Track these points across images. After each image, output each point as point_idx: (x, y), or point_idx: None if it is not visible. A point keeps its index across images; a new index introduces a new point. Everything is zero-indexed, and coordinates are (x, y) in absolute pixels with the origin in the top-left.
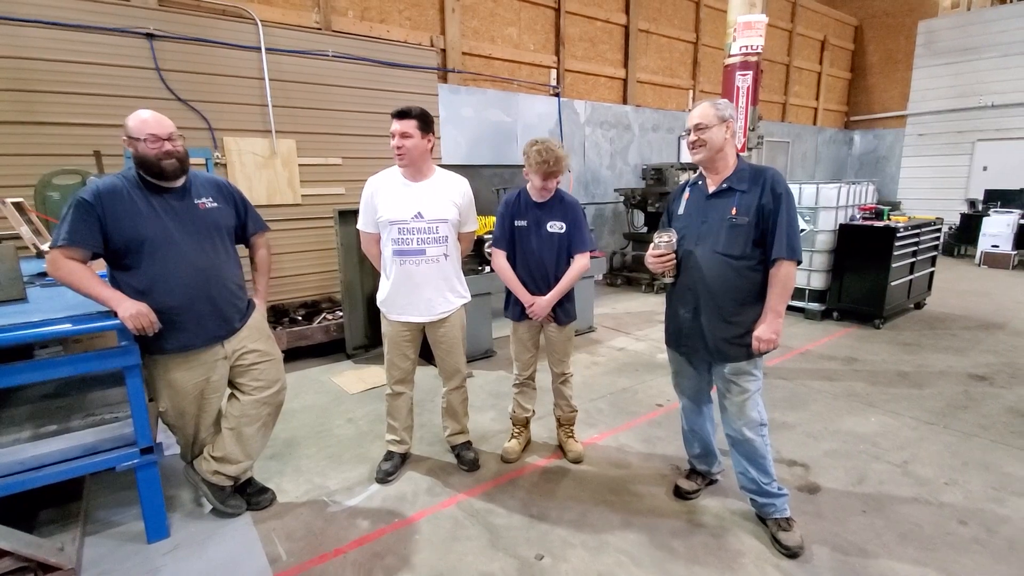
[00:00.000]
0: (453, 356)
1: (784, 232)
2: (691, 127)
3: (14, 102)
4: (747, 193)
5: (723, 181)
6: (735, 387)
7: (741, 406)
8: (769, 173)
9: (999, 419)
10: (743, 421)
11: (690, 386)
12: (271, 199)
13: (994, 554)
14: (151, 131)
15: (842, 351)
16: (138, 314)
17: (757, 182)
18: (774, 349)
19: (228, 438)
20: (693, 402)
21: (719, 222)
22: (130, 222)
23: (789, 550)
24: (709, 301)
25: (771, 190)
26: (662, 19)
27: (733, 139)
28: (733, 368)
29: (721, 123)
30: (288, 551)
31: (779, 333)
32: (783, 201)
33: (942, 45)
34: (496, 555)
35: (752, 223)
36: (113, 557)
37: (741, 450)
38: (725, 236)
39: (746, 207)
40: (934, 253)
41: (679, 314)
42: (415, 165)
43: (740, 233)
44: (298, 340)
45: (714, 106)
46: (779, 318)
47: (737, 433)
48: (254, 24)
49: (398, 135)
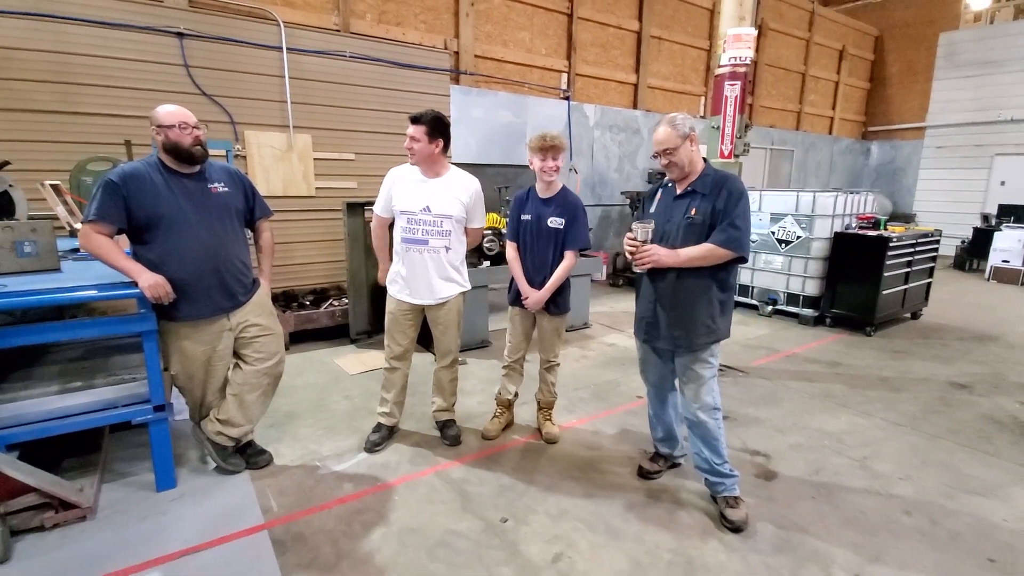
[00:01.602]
0: (447, 337)
1: (730, 225)
2: (659, 151)
3: (55, 93)
4: (707, 196)
5: (689, 185)
6: (691, 373)
7: (696, 391)
8: (729, 180)
9: (970, 424)
10: (698, 404)
11: (654, 374)
12: (287, 191)
13: (932, 543)
14: (182, 119)
15: (828, 355)
16: (156, 284)
17: (717, 187)
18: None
19: (231, 403)
20: (657, 389)
21: (679, 221)
22: (150, 201)
23: (733, 524)
24: (666, 294)
25: (727, 193)
26: (675, 26)
27: (697, 148)
28: (689, 356)
29: (684, 139)
30: (279, 504)
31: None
32: (735, 202)
33: (963, 58)
34: (465, 516)
35: (706, 223)
36: (126, 501)
37: (696, 432)
38: (683, 234)
39: (704, 209)
40: (931, 264)
41: (643, 306)
42: (423, 164)
43: (694, 231)
44: (305, 323)
45: (673, 126)
46: (676, 261)
47: (692, 416)
48: (277, 25)
49: (409, 137)
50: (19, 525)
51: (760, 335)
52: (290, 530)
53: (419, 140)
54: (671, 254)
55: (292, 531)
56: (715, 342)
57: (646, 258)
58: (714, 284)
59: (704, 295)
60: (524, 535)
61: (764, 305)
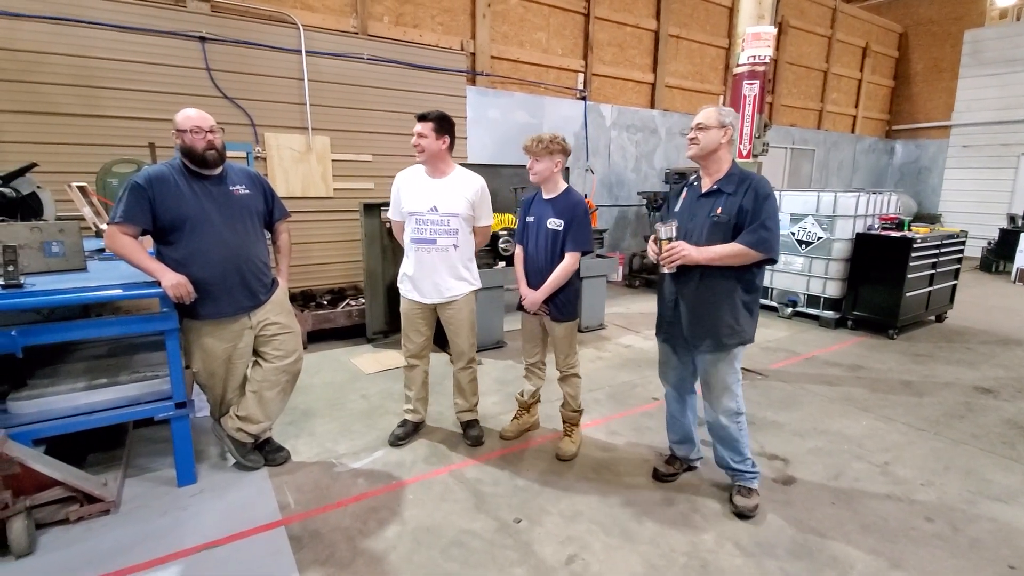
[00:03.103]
0: (461, 338)
1: (761, 226)
2: (692, 125)
3: (81, 96)
4: (732, 196)
5: (715, 183)
6: (714, 376)
7: (719, 395)
8: (754, 179)
9: (993, 429)
10: (720, 410)
11: (674, 376)
12: (305, 192)
13: (953, 550)
14: (195, 124)
15: (849, 358)
16: (178, 284)
17: (742, 186)
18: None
19: (251, 400)
20: (676, 391)
21: (704, 219)
22: (175, 203)
23: (738, 509)
24: (689, 294)
25: (753, 192)
26: (693, 24)
27: (729, 145)
28: (712, 357)
29: (720, 127)
30: (296, 500)
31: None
32: (762, 202)
33: (989, 55)
34: (479, 516)
35: (731, 223)
36: (148, 495)
37: (717, 435)
38: (707, 233)
39: (729, 208)
40: (957, 266)
41: (664, 304)
42: (431, 162)
43: (719, 230)
44: (323, 323)
45: (718, 111)
46: (704, 258)
47: (714, 420)
48: (296, 28)
49: (416, 134)
50: (45, 518)
51: (779, 337)
52: (307, 526)
53: (426, 136)
54: (700, 251)
55: (309, 528)
56: (739, 344)
57: (675, 255)
58: (739, 286)
59: (728, 296)
60: (538, 536)
61: (784, 307)
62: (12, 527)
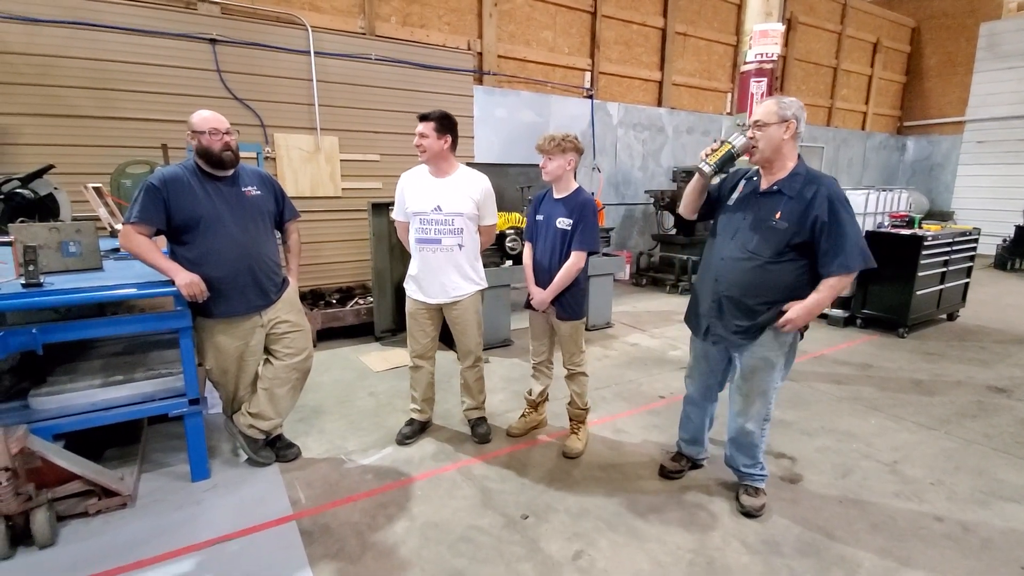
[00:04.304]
0: (467, 337)
1: (853, 243)
2: (750, 123)
3: (95, 99)
4: (794, 200)
5: (775, 183)
6: (752, 383)
7: (753, 401)
8: (825, 183)
9: (1007, 429)
10: (748, 417)
11: (701, 380)
12: (314, 191)
13: (963, 550)
14: (213, 126)
15: (858, 357)
16: (191, 283)
17: (809, 191)
18: (792, 331)
19: (262, 397)
20: (700, 395)
21: (759, 222)
22: (189, 204)
23: (744, 508)
24: (730, 293)
25: (826, 201)
26: (701, 21)
27: (794, 140)
28: (753, 364)
29: (781, 122)
30: (307, 496)
31: (806, 321)
32: (841, 213)
33: (1006, 48)
34: (486, 512)
35: (792, 230)
36: (163, 490)
37: (738, 440)
38: (760, 237)
39: (790, 213)
40: (970, 264)
41: (699, 297)
42: (434, 162)
43: (775, 237)
44: (332, 321)
45: (778, 103)
46: (816, 310)
47: (741, 425)
48: (305, 30)
49: (418, 134)
50: (65, 511)
51: None
52: (317, 521)
53: (428, 136)
54: (808, 308)
55: (319, 522)
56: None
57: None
58: (788, 289)
59: (775, 302)
60: (545, 532)
61: None
62: (36, 518)
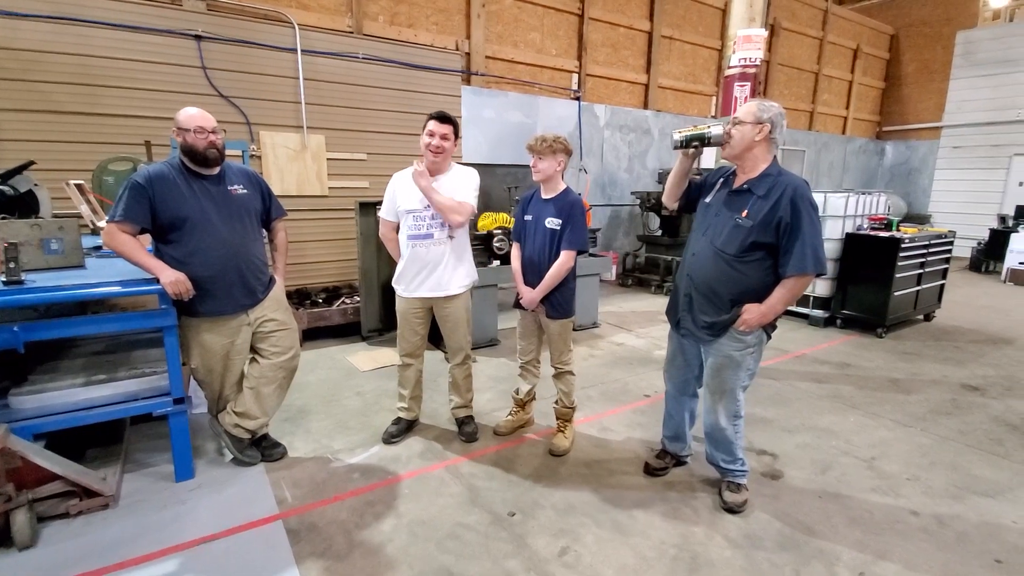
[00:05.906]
0: (457, 334)
1: (808, 245)
2: (730, 121)
3: (79, 95)
4: (763, 199)
5: (746, 182)
6: (718, 380)
7: (720, 398)
8: (792, 184)
9: (980, 426)
10: (718, 413)
11: (678, 375)
12: (300, 190)
13: (939, 543)
14: (199, 124)
15: (837, 356)
16: (177, 281)
17: (776, 191)
18: (750, 332)
19: (248, 396)
20: (677, 390)
21: (727, 219)
22: (174, 203)
23: (727, 504)
24: (700, 288)
25: (790, 202)
26: (686, 26)
27: (767, 143)
28: (719, 362)
29: (756, 123)
30: (293, 495)
31: (761, 323)
32: (803, 214)
33: (981, 56)
34: (473, 510)
35: (756, 228)
36: (146, 490)
37: (712, 435)
38: (727, 234)
39: (756, 212)
40: (945, 266)
41: (677, 290)
42: (442, 163)
43: (740, 234)
44: (318, 321)
45: (759, 106)
46: (770, 314)
47: (713, 424)
48: (292, 27)
49: (438, 136)
50: (46, 512)
51: None
52: (304, 520)
53: (449, 139)
54: (762, 310)
55: (306, 521)
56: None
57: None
58: (753, 288)
59: (741, 299)
60: (531, 528)
61: None
62: (15, 519)
